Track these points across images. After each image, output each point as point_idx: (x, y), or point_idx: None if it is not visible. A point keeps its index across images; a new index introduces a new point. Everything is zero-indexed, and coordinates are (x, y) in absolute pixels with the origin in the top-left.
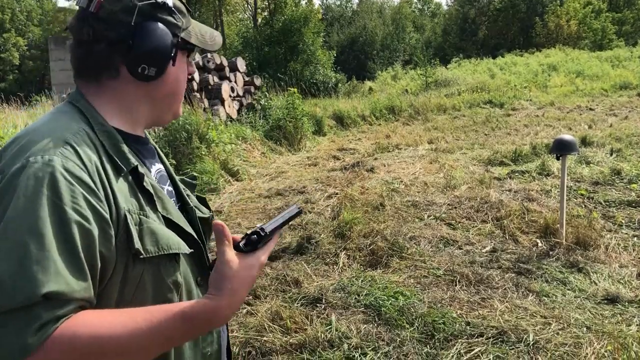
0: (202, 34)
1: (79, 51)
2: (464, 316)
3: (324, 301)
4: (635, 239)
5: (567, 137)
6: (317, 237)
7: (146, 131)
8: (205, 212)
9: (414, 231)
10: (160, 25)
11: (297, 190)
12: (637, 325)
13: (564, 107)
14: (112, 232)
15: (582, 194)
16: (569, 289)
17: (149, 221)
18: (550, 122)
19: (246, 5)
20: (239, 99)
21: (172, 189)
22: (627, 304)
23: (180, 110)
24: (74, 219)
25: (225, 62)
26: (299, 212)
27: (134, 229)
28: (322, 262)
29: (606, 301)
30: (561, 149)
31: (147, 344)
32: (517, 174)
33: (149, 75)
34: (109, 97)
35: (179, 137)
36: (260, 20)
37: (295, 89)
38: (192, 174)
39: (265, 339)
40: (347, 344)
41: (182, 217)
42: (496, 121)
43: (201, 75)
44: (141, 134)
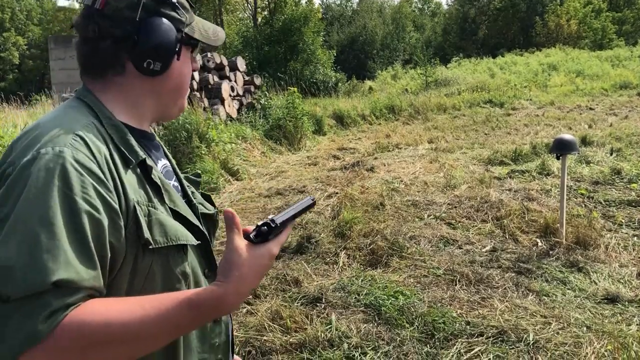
0: (206, 29)
1: (85, 48)
2: (464, 316)
3: (324, 301)
4: (635, 238)
5: (567, 136)
6: (317, 236)
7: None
8: (210, 209)
9: (414, 231)
10: (164, 20)
11: (297, 189)
12: (637, 324)
13: (564, 106)
14: (122, 223)
15: (582, 194)
16: (569, 289)
17: (158, 213)
18: (550, 121)
19: (246, 4)
20: (238, 98)
21: (177, 184)
22: (627, 303)
23: (185, 104)
24: (84, 209)
25: (225, 62)
26: (312, 204)
27: (143, 220)
28: (322, 261)
29: (606, 301)
30: (561, 148)
31: (155, 331)
32: (517, 174)
33: (154, 70)
34: (115, 92)
35: (178, 137)
36: (260, 19)
37: (295, 89)
38: (196, 171)
39: (265, 338)
40: (347, 343)
41: (189, 209)
42: (496, 121)
43: (201, 74)
44: (147, 129)
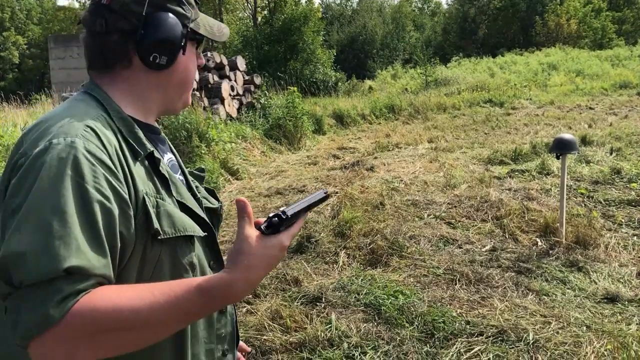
0: (210, 25)
1: (92, 43)
2: (463, 315)
3: (323, 300)
4: (635, 238)
5: (567, 136)
6: (317, 236)
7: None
8: (214, 203)
9: (414, 230)
10: (170, 15)
11: (297, 189)
12: (637, 324)
13: (563, 106)
14: (132, 213)
15: (582, 193)
16: (568, 288)
17: (165, 204)
18: (550, 121)
19: (246, 4)
20: (238, 97)
21: (182, 178)
22: (626, 303)
23: (190, 99)
24: (95, 198)
25: (225, 61)
26: (325, 197)
27: (152, 211)
28: (322, 261)
29: (606, 300)
30: (561, 148)
31: (165, 317)
32: (517, 173)
33: (160, 63)
34: (122, 86)
35: (178, 136)
36: (260, 19)
37: (295, 88)
38: (200, 166)
39: (265, 337)
40: (347, 342)
41: (195, 202)
42: (496, 120)
43: (201, 74)
44: (153, 123)
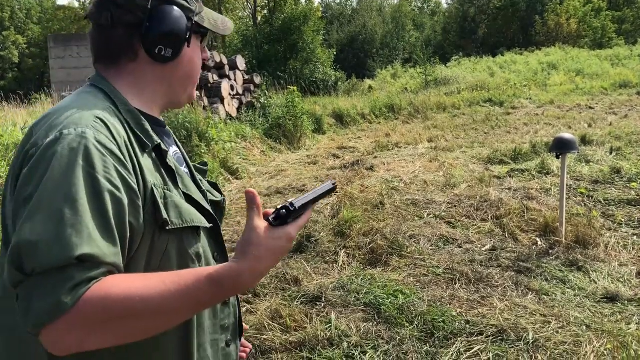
0: (215, 19)
1: (99, 36)
2: (463, 314)
3: (323, 299)
4: (634, 237)
5: (567, 135)
6: (317, 235)
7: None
8: (217, 196)
9: (414, 230)
10: (175, 8)
11: (297, 188)
12: (637, 323)
13: (563, 105)
14: (140, 203)
15: (581, 193)
16: (568, 288)
17: (173, 195)
18: (550, 120)
19: (246, 3)
20: (238, 97)
21: (187, 171)
22: (626, 302)
23: (194, 93)
24: (106, 188)
25: (225, 60)
26: (333, 188)
27: (161, 202)
28: (322, 260)
29: (606, 300)
30: (561, 147)
31: (176, 305)
32: (516, 173)
33: (165, 56)
34: (128, 79)
35: (178, 136)
36: (260, 18)
37: (295, 87)
38: (203, 160)
39: (265, 337)
40: (346, 342)
41: (200, 194)
42: (496, 120)
43: (201, 73)
44: (158, 116)
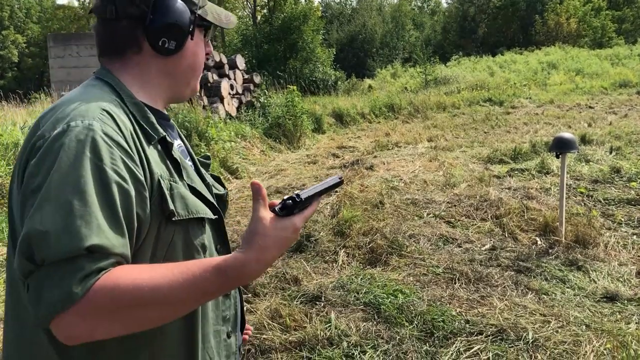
0: (218, 13)
1: (103, 30)
2: (463, 314)
3: (323, 299)
4: (634, 237)
5: (567, 135)
6: (317, 235)
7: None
8: (220, 189)
9: (414, 229)
10: (178, 1)
11: (297, 188)
12: (636, 323)
13: (563, 105)
14: (147, 195)
15: (581, 192)
16: (568, 287)
17: (179, 186)
18: (549, 120)
19: (245, 2)
20: (238, 96)
21: (191, 164)
22: (626, 302)
23: (197, 86)
24: (114, 179)
25: (224, 60)
26: (340, 182)
27: (167, 193)
28: (322, 260)
29: (605, 299)
30: (561, 147)
31: (183, 295)
32: (516, 172)
33: (169, 48)
34: (133, 72)
35: None
36: (259, 17)
37: (294, 87)
38: (206, 153)
39: (264, 336)
40: (346, 341)
41: (204, 187)
42: (496, 119)
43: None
44: (163, 110)
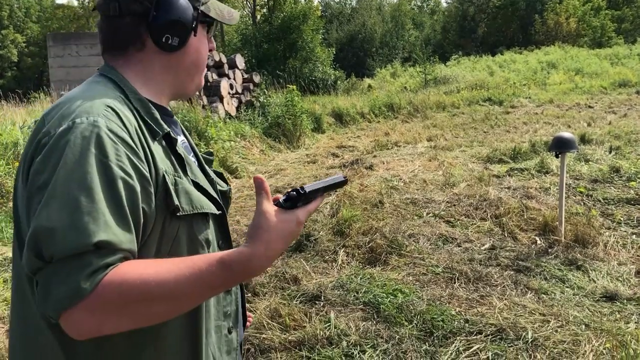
0: (221, 9)
1: (107, 26)
2: (462, 313)
3: (322, 298)
4: (634, 236)
5: (566, 134)
6: (316, 234)
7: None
8: (223, 186)
9: (413, 229)
10: None
11: (293, 186)
12: (636, 322)
13: (563, 104)
14: (152, 190)
15: (581, 192)
16: (567, 287)
17: (183, 182)
18: (549, 119)
19: (245, 2)
20: (237, 96)
21: (195, 160)
22: (625, 301)
23: (202, 82)
24: (119, 176)
25: (224, 59)
26: (344, 181)
27: (172, 189)
28: (321, 259)
29: (605, 299)
30: (560, 146)
31: (190, 290)
32: (516, 172)
33: (172, 45)
34: (136, 69)
35: None
36: (259, 17)
37: (294, 86)
38: (209, 150)
39: (264, 336)
40: (346, 341)
41: (207, 183)
42: (495, 119)
43: None
44: (166, 106)
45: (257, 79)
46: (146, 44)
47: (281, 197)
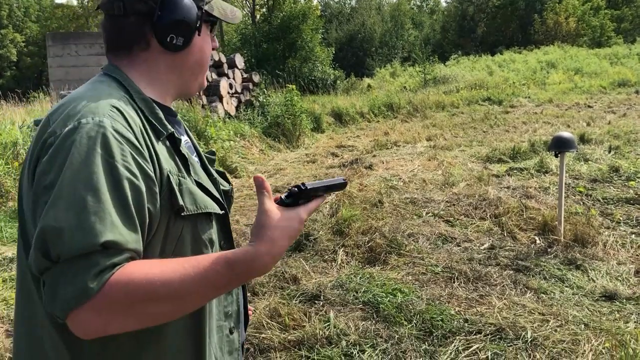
0: (224, 8)
1: (111, 26)
2: (462, 313)
3: (322, 298)
4: (633, 236)
5: (566, 134)
6: (316, 234)
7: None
8: (225, 185)
9: (412, 228)
10: None
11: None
12: (635, 322)
13: (562, 104)
14: (157, 190)
15: (580, 191)
16: (567, 286)
17: (187, 182)
18: (548, 119)
19: (245, 1)
20: (237, 95)
21: (197, 159)
22: (624, 301)
23: (205, 81)
24: (125, 176)
25: (223, 59)
26: (344, 183)
27: (176, 188)
28: (321, 259)
29: (604, 298)
30: (559, 146)
31: (195, 289)
32: (515, 171)
33: (176, 44)
34: (140, 68)
35: None
36: (258, 16)
37: (293, 86)
38: (211, 149)
39: (263, 335)
40: (345, 340)
41: (210, 182)
42: (494, 118)
43: None
44: (170, 106)
45: (256, 78)
46: (151, 44)
47: (283, 194)
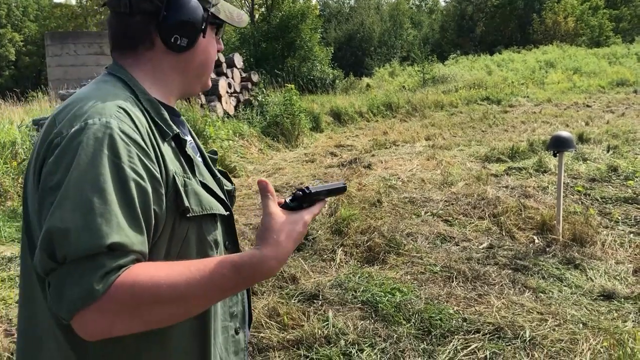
0: (230, 11)
1: (116, 24)
2: (460, 312)
3: (321, 297)
4: (631, 235)
5: (564, 133)
6: (315, 233)
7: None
8: (228, 185)
9: (411, 227)
10: None
11: (295, 187)
12: (633, 321)
13: (561, 103)
14: (163, 191)
15: (578, 191)
16: (565, 286)
17: (192, 183)
18: (547, 118)
19: (243, 1)
20: (236, 95)
21: (201, 160)
22: (623, 300)
23: (209, 83)
24: (131, 177)
25: (222, 58)
26: (344, 188)
27: (182, 190)
28: (319, 258)
29: (602, 297)
30: (558, 145)
31: (201, 292)
32: (514, 171)
33: (181, 45)
34: (145, 68)
35: None
36: (257, 16)
37: (292, 85)
38: (213, 149)
39: (262, 335)
40: (344, 340)
41: (214, 183)
42: (493, 118)
43: None
44: (174, 106)
45: (255, 78)
46: (155, 43)
47: (287, 198)
